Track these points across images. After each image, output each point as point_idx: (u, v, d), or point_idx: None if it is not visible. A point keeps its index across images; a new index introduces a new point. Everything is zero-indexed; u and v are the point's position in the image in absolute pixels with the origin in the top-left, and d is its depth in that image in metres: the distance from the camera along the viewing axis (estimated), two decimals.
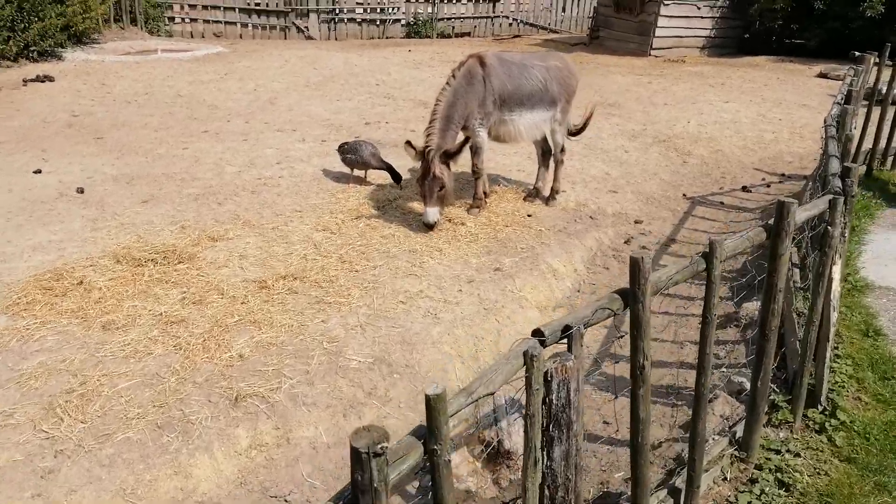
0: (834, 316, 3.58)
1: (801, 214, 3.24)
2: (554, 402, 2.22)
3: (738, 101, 11.90)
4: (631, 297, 2.55)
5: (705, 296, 2.89)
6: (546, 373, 2.21)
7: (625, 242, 6.76)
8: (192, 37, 17.36)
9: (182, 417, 3.79)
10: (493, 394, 2.04)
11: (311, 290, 5.06)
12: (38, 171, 7.22)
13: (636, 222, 7.18)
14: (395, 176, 7.19)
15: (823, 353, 3.64)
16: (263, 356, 4.27)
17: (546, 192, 7.31)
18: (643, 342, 2.57)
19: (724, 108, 11.41)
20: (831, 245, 3.40)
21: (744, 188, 8.27)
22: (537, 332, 2.29)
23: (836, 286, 3.55)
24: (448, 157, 6.09)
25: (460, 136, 6.28)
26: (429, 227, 6.19)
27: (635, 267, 2.51)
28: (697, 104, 11.69)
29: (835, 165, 3.78)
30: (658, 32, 16.32)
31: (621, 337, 4.89)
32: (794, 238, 3.91)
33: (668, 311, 5.57)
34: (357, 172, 7.50)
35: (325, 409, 4.02)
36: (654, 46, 16.47)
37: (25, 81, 10.83)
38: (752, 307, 4.95)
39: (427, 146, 6.07)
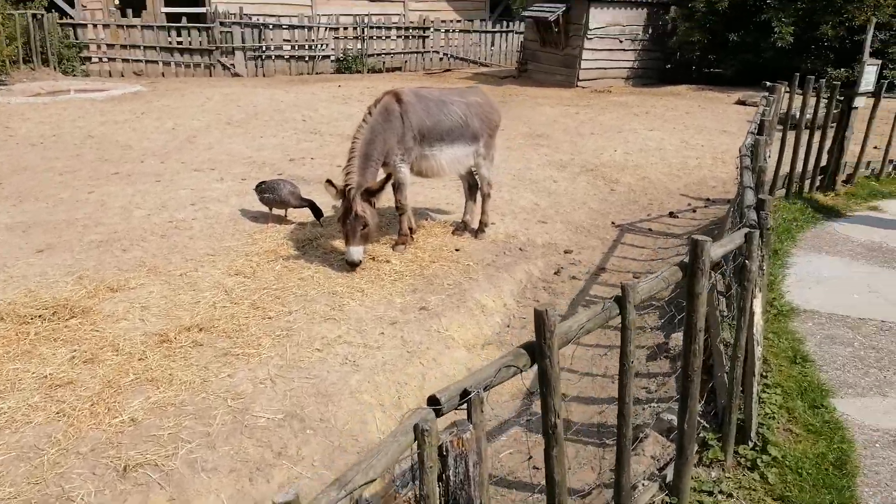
0: (758, 350, 3.47)
1: (716, 251, 3.11)
2: (451, 479, 1.97)
3: (662, 129, 12.14)
4: (537, 352, 2.33)
5: (621, 343, 2.71)
6: (441, 447, 1.96)
7: (555, 273, 6.63)
8: (110, 76, 16.74)
9: (61, 494, 3.34)
10: (374, 481, 1.76)
11: (218, 341, 4.68)
12: None
13: (566, 252, 7.08)
14: (317, 212, 6.90)
15: (751, 388, 3.51)
16: (159, 419, 3.86)
17: (474, 225, 7.14)
18: (553, 400, 2.34)
19: (649, 137, 11.60)
20: (750, 279, 3.29)
21: (671, 214, 8.32)
22: (433, 400, 2.05)
23: (759, 319, 3.44)
24: (370, 194, 5.86)
25: (381, 173, 6.07)
26: (352, 265, 5.90)
27: (540, 320, 2.30)
28: (623, 133, 11.86)
29: (749, 197, 3.71)
30: (583, 65, 16.68)
31: (532, 393, 4.68)
32: (718, 266, 3.82)
33: (598, 342, 5.42)
34: (276, 211, 7.16)
35: (227, 474, 3.63)
36: (580, 78, 16.81)
37: None
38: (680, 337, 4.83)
39: (347, 184, 5.83)
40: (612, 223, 7.96)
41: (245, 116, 12.26)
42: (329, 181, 5.90)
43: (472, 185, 7.16)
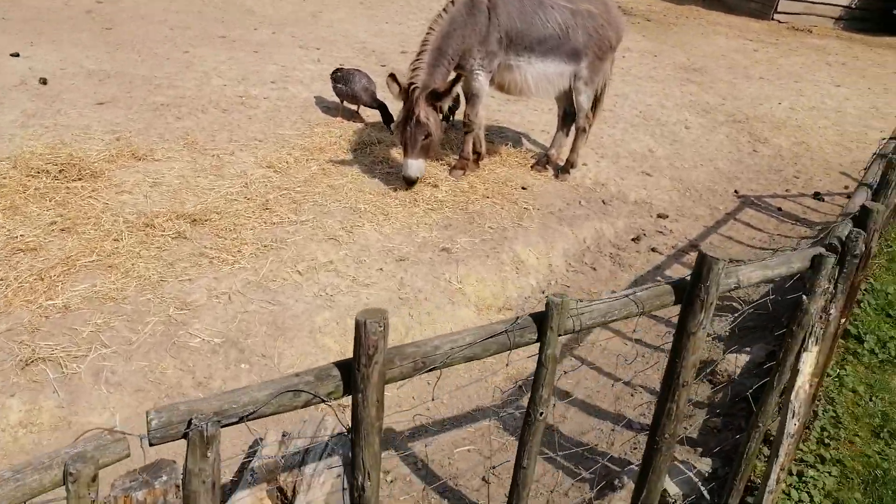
0: (791, 424, 2.38)
1: (750, 273, 2.05)
2: None
3: (853, 88, 9.88)
4: (352, 382, 1.54)
5: (533, 385, 1.83)
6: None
7: (633, 239, 5.53)
8: None
9: None
10: None
11: (203, 238, 4.25)
12: (16, 55, 6.73)
13: (659, 216, 5.89)
14: (387, 117, 6.20)
15: (769, 473, 2.47)
16: (91, 312, 3.53)
17: (559, 162, 6.12)
18: (364, 453, 1.57)
19: (831, 93, 9.48)
20: (802, 323, 2.20)
21: (816, 195, 6.69)
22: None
23: (804, 382, 2.34)
24: (436, 98, 5.01)
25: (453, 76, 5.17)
26: (409, 182, 5.20)
27: (359, 332, 1.50)
28: (801, 83, 9.80)
29: (857, 201, 2.49)
30: None
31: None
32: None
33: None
34: (348, 105, 6.55)
35: (132, 393, 3.25)
36: (778, 10, 14.18)
37: None
38: (737, 361, 3.73)
39: (412, 83, 5.00)
40: (735, 192, 6.54)
41: None
42: (392, 76, 5.03)
43: (568, 114, 6.07)
